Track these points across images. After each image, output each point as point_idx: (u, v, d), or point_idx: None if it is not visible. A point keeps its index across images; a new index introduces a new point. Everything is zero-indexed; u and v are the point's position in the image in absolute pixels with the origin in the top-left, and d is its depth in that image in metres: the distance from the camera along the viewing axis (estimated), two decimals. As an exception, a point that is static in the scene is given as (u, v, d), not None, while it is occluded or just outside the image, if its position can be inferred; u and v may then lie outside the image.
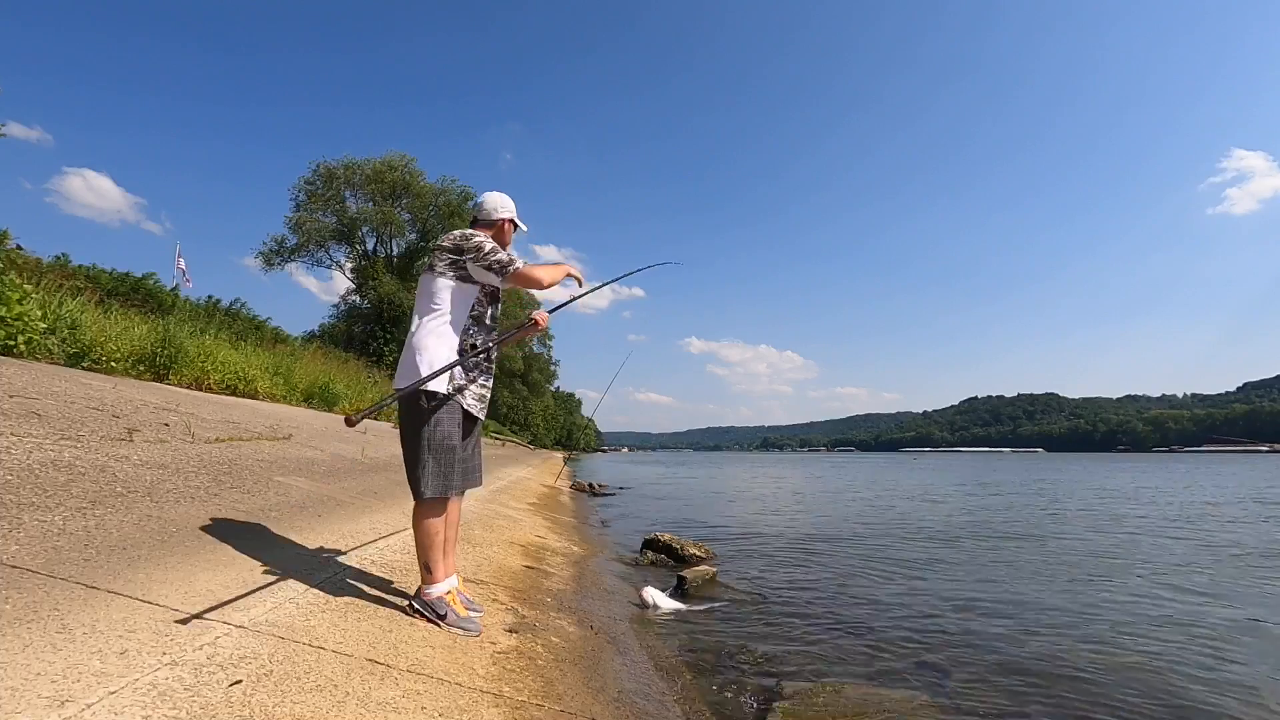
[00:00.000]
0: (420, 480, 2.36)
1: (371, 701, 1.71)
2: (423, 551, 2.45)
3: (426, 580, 2.50)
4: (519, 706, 2.04)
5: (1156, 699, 3.10)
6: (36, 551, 2.06)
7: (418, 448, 2.36)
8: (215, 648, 1.72)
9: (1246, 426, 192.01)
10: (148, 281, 13.29)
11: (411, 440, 2.39)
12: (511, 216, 2.73)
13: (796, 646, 3.79)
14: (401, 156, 32.18)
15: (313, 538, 3.20)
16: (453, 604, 2.55)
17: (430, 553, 2.44)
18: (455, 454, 2.41)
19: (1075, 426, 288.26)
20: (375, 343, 28.64)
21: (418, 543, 2.45)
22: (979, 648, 3.83)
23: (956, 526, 9.94)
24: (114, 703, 1.34)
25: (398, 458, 2.74)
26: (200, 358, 9.24)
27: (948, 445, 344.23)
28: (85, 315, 7.74)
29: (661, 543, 6.61)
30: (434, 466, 2.36)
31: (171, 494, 3.19)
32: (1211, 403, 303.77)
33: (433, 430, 2.36)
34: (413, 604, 2.52)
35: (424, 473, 2.36)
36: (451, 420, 2.40)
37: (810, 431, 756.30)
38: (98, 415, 4.35)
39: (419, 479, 2.37)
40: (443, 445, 2.37)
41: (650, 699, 2.66)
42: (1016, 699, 3.08)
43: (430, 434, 2.36)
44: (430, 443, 2.36)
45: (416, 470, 2.37)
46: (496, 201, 2.71)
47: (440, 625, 2.47)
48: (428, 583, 2.50)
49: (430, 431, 2.36)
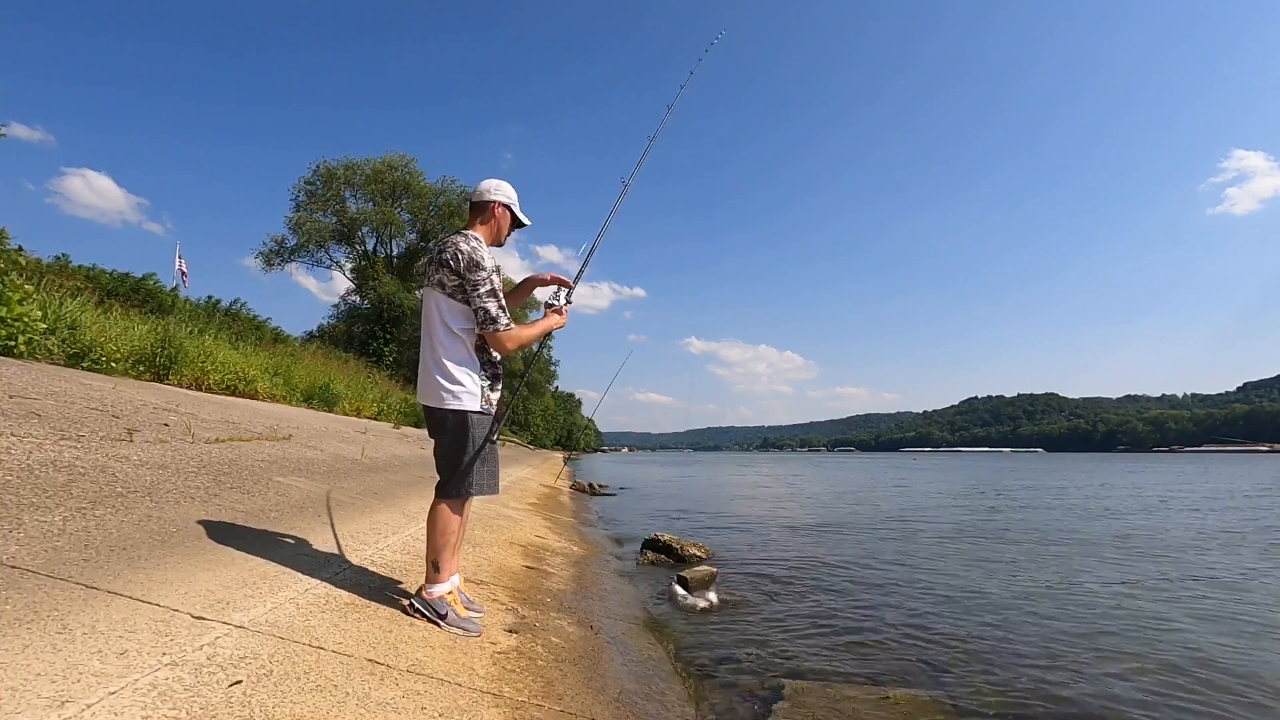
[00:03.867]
0: (469, 484, 2.45)
1: (371, 702, 1.71)
2: (434, 550, 2.46)
3: (431, 579, 2.51)
4: (519, 707, 2.04)
5: (1157, 698, 3.10)
6: (36, 551, 2.06)
7: (463, 455, 2.44)
8: (215, 648, 1.72)
9: (1246, 426, 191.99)
10: (148, 282, 13.30)
11: (455, 449, 2.45)
12: (505, 201, 2.59)
13: (797, 646, 3.79)
14: (401, 157, 32.22)
15: (312, 538, 3.19)
16: (453, 604, 2.56)
17: (442, 551, 2.46)
18: (496, 454, 2.55)
19: (1075, 427, 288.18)
20: (375, 343, 28.62)
21: (431, 540, 2.46)
22: (979, 647, 3.83)
23: (956, 526, 9.94)
24: (114, 703, 1.34)
25: (398, 458, 2.75)
26: (200, 358, 9.24)
27: (948, 445, 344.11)
28: (85, 315, 7.75)
29: (661, 543, 6.61)
30: (483, 468, 2.48)
31: (171, 494, 3.19)
32: (1211, 403, 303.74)
33: (479, 438, 2.46)
34: (413, 603, 2.53)
35: (474, 477, 2.45)
36: (485, 427, 2.50)
37: (810, 432, 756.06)
38: (98, 415, 4.35)
39: (467, 483, 2.44)
40: (489, 452, 2.50)
41: (650, 699, 2.66)
42: (1017, 699, 3.08)
43: (477, 442, 2.46)
44: (481, 451, 2.46)
45: (466, 474, 2.44)
46: (491, 184, 2.59)
47: (440, 625, 2.48)
48: (432, 581, 2.51)
49: (477, 439, 2.46)
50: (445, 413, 2.42)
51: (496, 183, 2.59)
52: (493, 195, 2.57)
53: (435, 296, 2.44)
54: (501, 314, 2.41)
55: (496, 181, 2.60)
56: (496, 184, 2.59)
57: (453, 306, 2.42)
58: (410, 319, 30.45)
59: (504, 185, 2.60)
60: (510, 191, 2.61)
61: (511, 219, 2.64)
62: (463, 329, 2.43)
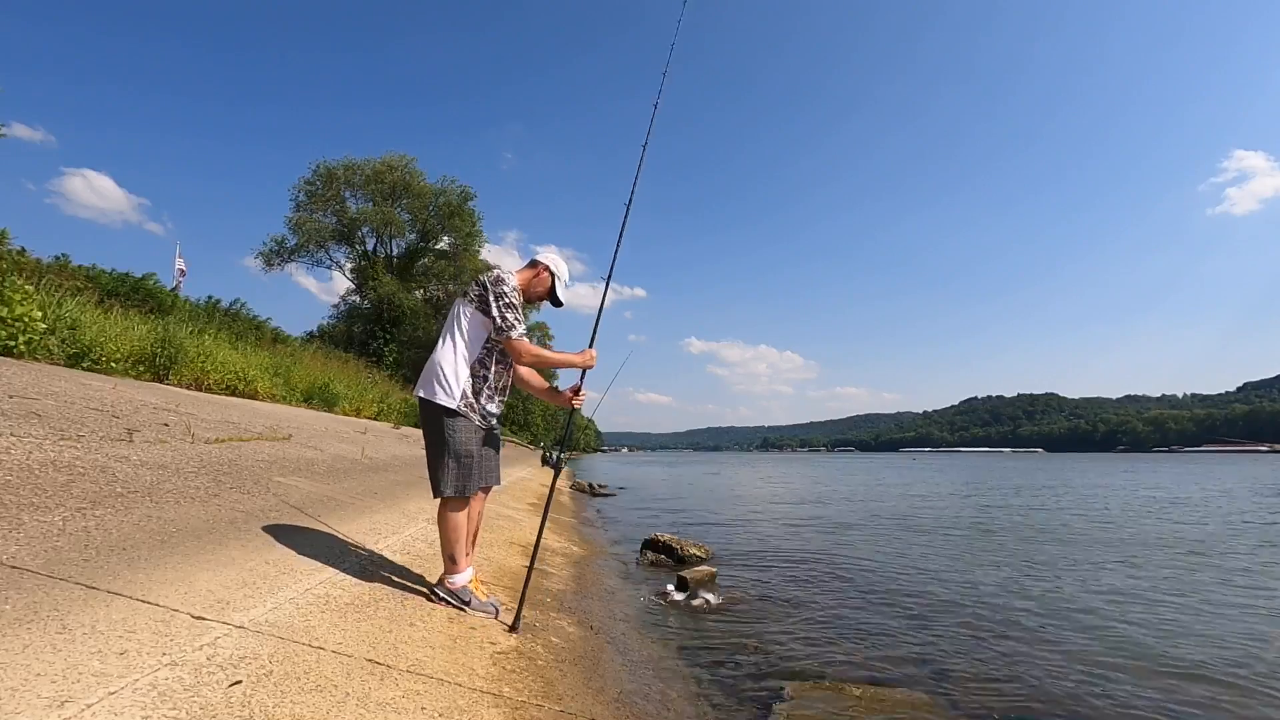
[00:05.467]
0: (441, 481, 2.59)
1: (371, 702, 1.71)
2: (446, 545, 2.68)
3: (450, 569, 2.73)
4: (519, 707, 2.04)
5: (1158, 698, 3.10)
6: (36, 552, 2.06)
7: (440, 453, 2.60)
8: (215, 648, 1.72)
9: (1246, 426, 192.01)
10: (147, 282, 13.28)
11: (435, 446, 2.62)
12: (552, 268, 2.85)
13: (797, 646, 3.79)
14: (401, 157, 32.17)
15: (312, 538, 3.20)
16: (475, 591, 2.79)
17: (454, 546, 2.67)
18: (473, 459, 2.63)
19: (1075, 427, 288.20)
20: (375, 343, 28.60)
21: (442, 536, 2.67)
22: (979, 647, 3.83)
23: (956, 526, 9.94)
24: (114, 703, 1.34)
25: (398, 458, 2.78)
26: (200, 358, 9.24)
27: (948, 445, 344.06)
28: (85, 315, 7.75)
29: (661, 543, 6.61)
30: (455, 469, 2.59)
31: (171, 494, 3.19)
32: (1211, 403, 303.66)
33: (452, 437, 2.59)
34: (435, 591, 2.75)
35: (445, 474, 2.59)
36: (467, 429, 2.62)
37: (810, 432, 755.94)
38: (97, 415, 4.35)
39: (440, 480, 2.59)
40: (461, 451, 2.60)
41: (650, 699, 2.66)
42: (1017, 699, 3.08)
43: (451, 441, 2.59)
44: (450, 448, 2.59)
45: (438, 472, 2.60)
46: (552, 255, 2.89)
47: (465, 610, 2.71)
48: (451, 572, 2.73)
49: (450, 438, 2.59)
50: (426, 404, 2.63)
51: (556, 257, 2.89)
52: (545, 258, 2.87)
53: (460, 304, 2.70)
54: (517, 324, 2.62)
55: (557, 257, 2.90)
56: (556, 258, 2.89)
57: (472, 314, 2.65)
58: (410, 319, 30.41)
59: (561, 263, 2.90)
60: (564, 267, 2.90)
61: (550, 287, 2.88)
62: (474, 336, 2.65)
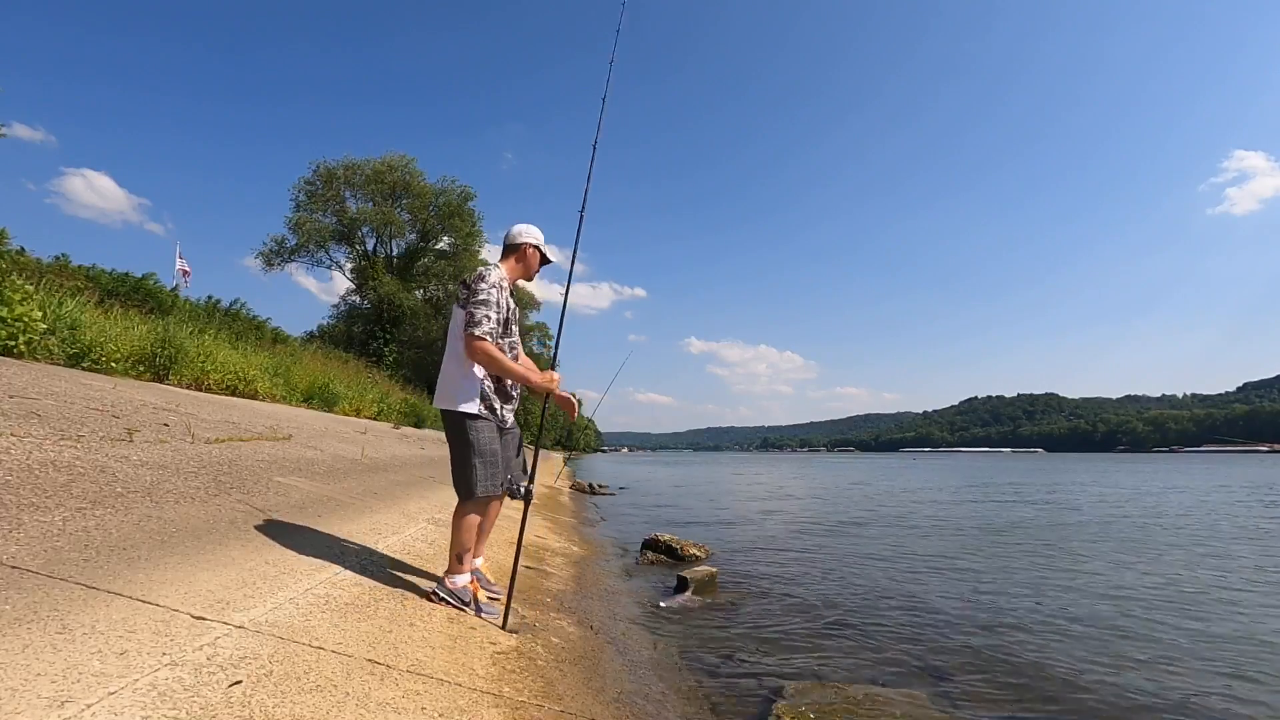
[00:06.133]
0: (471, 482, 2.66)
1: (371, 702, 1.71)
2: (457, 544, 2.73)
3: (454, 569, 2.77)
4: (519, 707, 2.04)
5: (1159, 698, 3.10)
6: (36, 552, 2.06)
7: (466, 456, 2.66)
8: (215, 648, 1.72)
9: (1246, 426, 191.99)
10: (147, 282, 13.28)
11: (460, 451, 2.69)
12: (534, 242, 2.91)
13: (797, 646, 3.79)
14: (401, 157, 32.16)
15: (312, 538, 3.20)
16: (475, 593, 2.85)
17: (463, 546, 2.72)
18: (499, 457, 2.73)
19: (1075, 427, 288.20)
20: (375, 343, 28.60)
21: (454, 536, 2.72)
22: (979, 648, 3.83)
23: (956, 526, 9.94)
24: (114, 703, 1.34)
25: (398, 458, 2.80)
26: (200, 358, 9.24)
27: (948, 445, 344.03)
28: (85, 315, 7.75)
29: (661, 543, 6.61)
30: (483, 470, 2.67)
31: (171, 494, 3.19)
32: (1211, 403, 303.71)
33: (476, 439, 2.67)
34: (436, 592, 2.76)
35: (473, 475, 2.65)
36: (489, 429, 2.71)
37: (810, 432, 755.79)
38: (98, 415, 4.35)
39: (470, 481, 2.66)
40: (485, 450, 2.68)
41: (650, 699, 2.66)
42: (1017, 699, 3.08)
43: (475, 443, 2.67)
44: (475, 449, 2.66)
45: (466, 473, 2.67)
46: (521, 228, 2.91)
47: (465, 611, 2.74)
48: (454, 572, 2.77)
49: (475, 440, 2.67)
50: (447, 414, 2.69)
51: (525, 226, 2.92)
52: (524, 238, 2.90)
53: (455, 310, 2.74)
54: (485, 322, 2.58)
55: (525, 226, 2.92)
56: (525, 228, 2.92)
57: (460, 316, 2.67)
58: (410, 319, 30.40)
59: (532, 228, 2.93)
60: (538, 233, 2.95)
61: (540, 257, 2.96)
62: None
